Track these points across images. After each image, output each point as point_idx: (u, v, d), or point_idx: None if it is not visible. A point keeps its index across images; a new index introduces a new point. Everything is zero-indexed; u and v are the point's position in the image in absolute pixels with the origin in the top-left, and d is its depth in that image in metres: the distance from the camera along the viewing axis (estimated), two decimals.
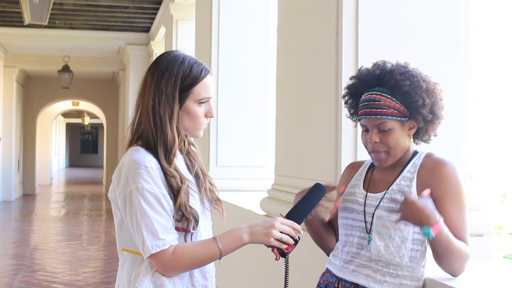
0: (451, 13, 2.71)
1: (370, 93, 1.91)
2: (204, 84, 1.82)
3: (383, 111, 1.86)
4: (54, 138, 25.35)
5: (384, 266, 1.85)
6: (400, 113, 1.87)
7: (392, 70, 1.90)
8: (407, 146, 1.92)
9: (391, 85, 1.88)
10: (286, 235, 1.73)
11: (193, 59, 1.84)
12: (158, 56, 1.88)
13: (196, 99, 1.81)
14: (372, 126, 1.89)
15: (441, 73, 2.60)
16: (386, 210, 1.86)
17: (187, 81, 1.80)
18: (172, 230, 1.73)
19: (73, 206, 14.31)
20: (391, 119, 1.86)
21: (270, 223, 1.75)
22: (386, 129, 1.87)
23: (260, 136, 5.33)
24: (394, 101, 1.86)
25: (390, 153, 1.89)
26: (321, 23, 2.97)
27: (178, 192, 1.75)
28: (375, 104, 1.88)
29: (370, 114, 1.88)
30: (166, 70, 1.80)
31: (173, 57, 1.83)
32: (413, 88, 1.85)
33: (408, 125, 1.90)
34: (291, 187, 3.27)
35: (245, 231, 1.75)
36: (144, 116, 1.81)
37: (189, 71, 1.80)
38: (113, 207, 1.83)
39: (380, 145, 1.89)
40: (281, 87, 3.62)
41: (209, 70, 1.86)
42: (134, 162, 1.73)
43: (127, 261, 1.82)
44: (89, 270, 6.98)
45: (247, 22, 5.43)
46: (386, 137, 1.87)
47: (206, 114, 1.85)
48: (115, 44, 12.38)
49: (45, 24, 7.64)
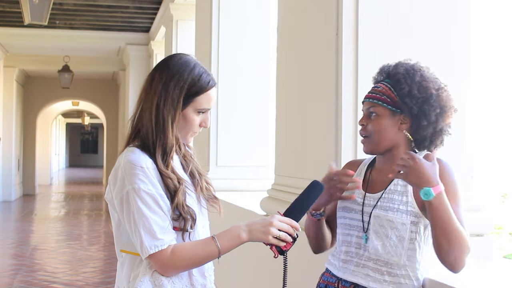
0: (451, 13, 2.72)
1: (380, 83, 1.97)
2: (208, 95, 1.83)
3: (376, 96, 1.92)
4: (54, 138, 25.36)
5: (383, 265, 1.85)
6: (391, 102, 1.89)
7: (400, 62, 1.96)
8: (395, 140, 1.91)
9: (392, 74, 1.93)
10: (284, 233, 1.73)
11: (203, 68, 1.85)
12: (169, 56, 1.88)
13: (197, 108, 1.82)
14: (366, 109, 1.95)
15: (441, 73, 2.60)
16: (383, 209, 1.86)
17: (194, 89, 1.80)
18: (170, 230, 1.73)
19: (73, 206, 14.31)
20: (381, 104, 1.90)
21: (268, 221, 1.75)
22: (372, 115, 1.91)
23: (260, 136, 5.34)
24: (391, 90, 1.90)
25: (371, 138, 1.91)
26: (321, 23, 2.97)
27: (175, 193, 1.75)
28: (374, 89, 1.95)
29: (367, 98, 1.95)
30: (176, 73, 1.80)
31: (185, 62, 1.83)
32: (404, 77, 1.89)
33: (400, 118, 1.90)
34: (291, 187, 3.28)
35: (243, 229, 1.75)
36: (146, 113, 1.80)
37: (198, 79, 1.81)
38: (110, 209, 1.83)
39: (366, 128, 1.92)
40: (281, 87, 3.62)
41: (215, 82, 1.87)
42: (130, 162, 1.73)
43: (126, 262, 1.82)
44: (89, 270, 6.98)
45: (247, 22, 5.43)
46: (371, 121, 1.91)
47: (201, 124, 1.86)
48: (115, 44, 12.38)
49: (45, 24, 7.64)
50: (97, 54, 13.64)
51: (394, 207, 1.85)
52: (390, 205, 1.85)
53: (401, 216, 1.83)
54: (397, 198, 1.86)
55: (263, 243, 1.76)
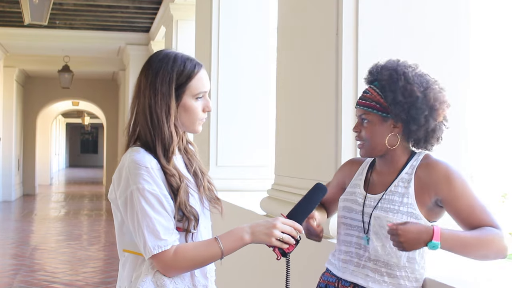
0: (451, 13, 2.72)
1: (368, 86, 1.97)
2: (199, 78, 1.82)
3: (366, 103, 1.92)
4: (54, 138, 25.36)
5: (382, 266, 1.85)
6: (381, 108, 1.89)
7: (383, 65, 1.94)
8: (390, 144, 1.91)
9: (378, 80, 1.93)
10: (288, 235, 1.74)
11: (184, 55, 1.85)
12: (149, 56, 1.88)
13: (193, 94, 1.81)
14: (358, 116, 1.96)
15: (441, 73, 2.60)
16: (383, 211, 1.86)
17: (182, 77, 1.80)
18: (173, 231, 1.73)
19: (73, 206, 14.31)
20: (371, 111, 1.90)
21: (271, 223, 1.75)
22: (365, 122, 1.92)
23: (260, 136, 5.33)
24: (380, 95, 1.90)
25: (366, 144, 1.93)
26: (321, 23, 2.97)
27: (177, 191, 1.75)
28: (364, 95, 1.95)
29: (358, 104, 1.95)
30: (159, 69, 1.80)
31: (165, 56, 1.83)
32: (388, 83, 1.88)
33: (391, 122, 1.90)
34: (291, 187, 3.28)
35: (246, 231, 1.75)
36: (141, 117, 1.80)
37: (183, 67, 1.81)
38: (113, 208, 1.82)
39: (360, 135, 1.94)
40: (281, 87, 3.62)
41: (202, 64, 1.86)
42: (134, 162, 1.73)
43: (128, 262, 1.82)
44: (89, 270, 6.98)
45: (247, 22, 5.43)
46: (364, 129, 1.92)
47: (204, 109, 1.85)
48: (115, 44, 12.38)
49: (45, 24, 7.64)
50: (97, 54, 13.64)
51: (394, 208, 1.85)
52: (391, 207, 1.85)
53: (401, 217, 1.82)
54: (397, 200, 1.86)
55: (266, 245, 1.76)
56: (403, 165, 1.91)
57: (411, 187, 1.86)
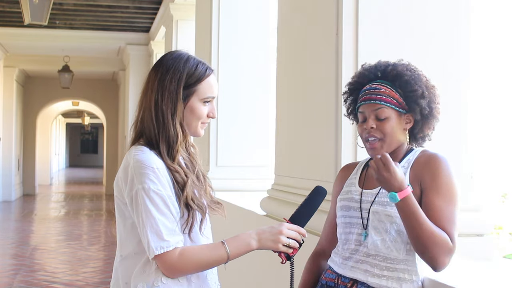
0: (451, 13, 2.72)
1: (371, 84, 1.95)
2: (208, 82, 1.83)
3: (383, 97, 1.90)
4: (54, 138, 25.36)
5: (382, 261, 1.86)
6: (398, 104, 1.90)
7: (395, 63, 1.96)
8: (402, 140, 1.93)
9: (392, 76, 1.91)
10: (293, 240, 1.77)
11: (197, 58, 1.86)
12: (163, 55, 1.89)
13: (201, 97, 1.82)
14: (370, 112, 1.91)
15: (441, 73, 2.60)
16: (381, 205, 1.86)
17: (192, 79, 1.81)
18: (177, 232, 1.73)
19: (73, 206, 14.31)
20: (389, 106, 1.89)
21: (277, 229, 1.77)
22: (383, 118, 1.89)
23: (260, 136, 5.33)
24: (394, 91, 1.90)
25: (385, 140, 1.90)
26: (321, 23, 2.97)
27: (184, 186, 1.75)
28: (375, 91, 1.92)
29: (370, 100, 1.91)
30: (171, 67, 1.81)
31: (178, 56, 1.84)
32: (413, 78, 1.90)
33: (405, 118, 1.92)
34: (291, 187, 3.28)
35: (253, 237, 1.77)
36: (147, 113, 1.81)
37: (195, 69, 1.81)
38: (122, 207, 1.81)
39: (376, 131, 1.90)
40: (281, 87, 3.62)
41: (212, 70, 1.87)
42: (140, 162, 1.73)
43: (127, 261, 1.82)
44: (89, 270, 6.98)
45: (247, 22, 5.43)
46: (383, 124, 1.89)
47: (209, 114, 1.86)
48: (115, 44, 12.38)
49: (45, 24, 7.64)
50: (97, 54, 13.64)
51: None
52: (388, 200, 1.85)
53: None
54: None
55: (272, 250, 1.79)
56: (400, 160, 1.92)
57: (407, 180, 1.86)
